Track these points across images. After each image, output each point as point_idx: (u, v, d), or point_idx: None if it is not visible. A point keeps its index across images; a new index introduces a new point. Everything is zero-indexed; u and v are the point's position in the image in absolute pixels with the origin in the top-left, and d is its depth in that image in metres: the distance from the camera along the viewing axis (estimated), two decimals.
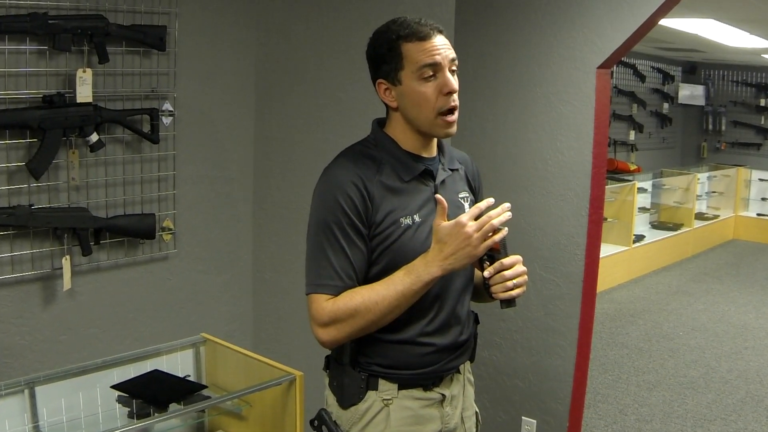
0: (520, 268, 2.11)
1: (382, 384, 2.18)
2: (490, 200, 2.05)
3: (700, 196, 11.25)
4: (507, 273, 2.08)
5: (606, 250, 8.26)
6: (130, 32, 3.51)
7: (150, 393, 3.01)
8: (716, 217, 11.46)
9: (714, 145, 12.85)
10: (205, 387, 3.16)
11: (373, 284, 2.07)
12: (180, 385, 3.12)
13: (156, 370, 3.20)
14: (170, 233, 3.87)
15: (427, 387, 2.23)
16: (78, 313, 3.58)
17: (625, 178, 9.67)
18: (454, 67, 2.12)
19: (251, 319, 4.34)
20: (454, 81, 2.10)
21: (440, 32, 2.12)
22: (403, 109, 2.13)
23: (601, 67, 3.48)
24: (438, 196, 2.06)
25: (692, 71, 12.72)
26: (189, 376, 3.32)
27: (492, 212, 2.02)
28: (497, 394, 3.92)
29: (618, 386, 5.68)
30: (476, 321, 2.41)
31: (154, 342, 3.50)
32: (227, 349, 3.30)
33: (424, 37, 2.07)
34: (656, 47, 10.24)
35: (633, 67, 11.21)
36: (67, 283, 3.44)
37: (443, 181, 2.23)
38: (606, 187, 5.97)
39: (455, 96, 2.11)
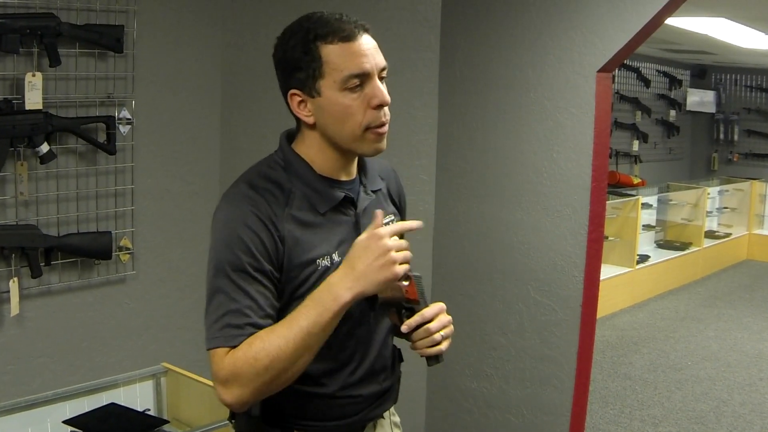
0: (444, 318, 2.02)
1: None
2: (420, 223, 1.97)
3: (711, 212, 11.31)
4: (432, 326, 1.98)
5: (607, 271, 8.29)
6: (84, 32, 3.54)
7: (106, 428, 3.03)
8: (728, 235, 11.52)
9: (726, 157, 12.94)
10: (166, 422, 3.18)
11: (274, 326, 1.86)
12: (139, 420, 3.14)
13: (112, 404, 3.22)
14: (128, 253, 3.89)
15: None
16: (27, 340, 3.59)
17: (628, 192, 9.73)
18: (384, 75, 1.97)
19: None
20: (385, 91, 1.95)
21: (366, 31, 1.94)
22: (322, 125, 1.96)
23: (601, 70, 3.51)
24: (377, 211, 1.91)
25: (702, 75, 12.83)
26: (149, 410, 3.34)
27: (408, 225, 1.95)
28: (487, 429, 3.94)
29: (620, 421, 5.71)
30: (399, 359, 2.30)
31: (111, 373, 3.52)
32: (191, 380, 3.32)
33: (348, 38, 1.90)
34: (662, 49, 10.33)
35: (637, 70, 11.31)
36: (14, 308, 3.45)
37: (365, 209, 2.08)
38: (607, 202, 6.00)
39: (386, 110, 1.96)
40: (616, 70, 9.83)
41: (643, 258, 9.41)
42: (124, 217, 3.87)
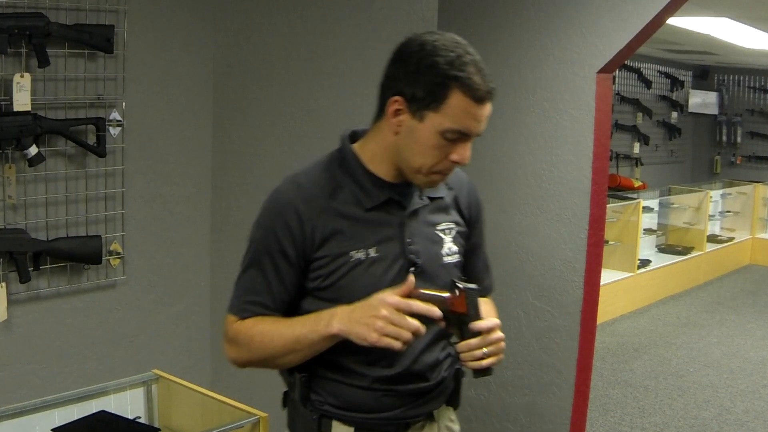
0: (495, 334, 2.01)
1: (337, 427, 2.16)
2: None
3: (713, 216, 11.33)
4: (472, 342, 1.98)
5: (607, 276, 8.27)
6: (73, 32, 3.53)
7: None
8: (731, 239, 11.54)
9: (728, 159, 12.96)
10: (158, 430, 3.17)
11: (280, 320, 2.12)
12: (129, 428, 3.13)
13: (102, 411, 3.21)
14: (118, 258, 3.89)
15: None
16: (15, 347, 3.58)
17: (629, 195, 9.73)
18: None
19: (209, 353, 4.35)
20: (469, 155, 2.06)
21: (492, 98, 2.05)
22: (401, 143, 2.05)
23: (601, 71, 3.52)
24: (410, 277, 1.99)
25: (704, 76, 12.85)
26: (140, 417, 3.33)
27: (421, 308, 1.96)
28: None
29: (621, 429, 5.71)
30: (455, 360, 2.27)
31: (101, 379, 3.50)
32: (182, 388, 3.31)
33: (479, 100, 2.00)
34: (664, 49, 10.34)
35: (637, 71, 11.32)
36: (2, 314, 3.45)
37: (415, 212, 2.17)
38: (607, 205, 5.99)
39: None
40: (617, 71, 9.84)
41: (644, 263, 9.42)
42: (114, 220, 3.87)
